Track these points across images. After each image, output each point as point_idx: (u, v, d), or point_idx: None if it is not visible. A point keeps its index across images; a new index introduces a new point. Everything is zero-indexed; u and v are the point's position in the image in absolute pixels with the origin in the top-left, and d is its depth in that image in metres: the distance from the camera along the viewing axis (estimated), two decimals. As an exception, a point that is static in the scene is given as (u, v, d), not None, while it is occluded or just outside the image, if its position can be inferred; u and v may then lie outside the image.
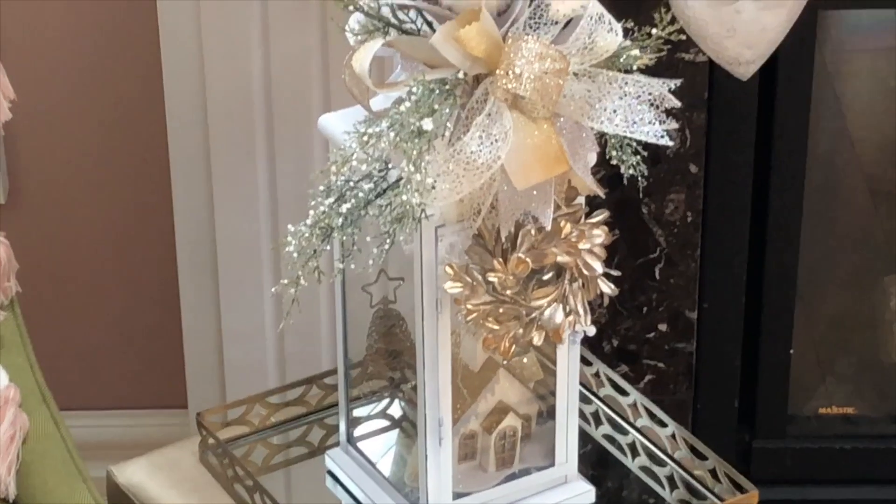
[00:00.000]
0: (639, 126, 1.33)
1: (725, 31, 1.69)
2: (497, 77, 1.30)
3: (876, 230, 2.54)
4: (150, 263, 2.15)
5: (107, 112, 2.10)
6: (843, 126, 2.64)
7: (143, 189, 2.11)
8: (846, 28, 2.73)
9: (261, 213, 1.93)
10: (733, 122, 1.99)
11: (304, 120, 1.87)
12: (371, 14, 1.34)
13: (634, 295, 2.05)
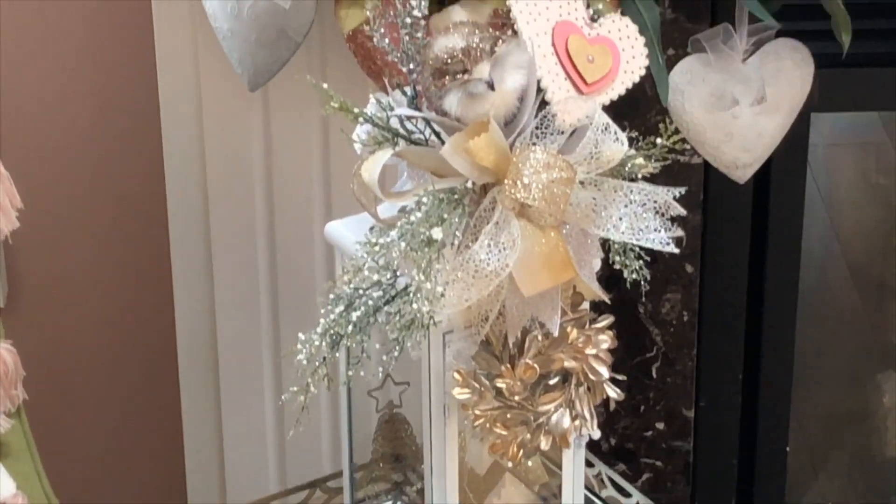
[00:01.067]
0: (644, 233, 1.35)
1: (723, 136, 1.71)
2: (505, 186, 1.32)
3: (865, 325, 2.56)
4: (152, 365, 2.15)
5: (107, 214, 2.11)
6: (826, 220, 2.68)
7: (145, 291, 2.12)
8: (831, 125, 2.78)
9: (262, 316, 1.94)
10: (728, 223, 2.02)
11: (306, 225, 1.89)
12: (380, 125, 1.37)
13: (632, 393, 2.07)
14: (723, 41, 1.69)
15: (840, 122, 2.77)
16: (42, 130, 2.08)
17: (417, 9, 1.36)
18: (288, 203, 1.88)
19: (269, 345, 1.95)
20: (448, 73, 1.32)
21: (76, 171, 2.10)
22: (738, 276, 2.06)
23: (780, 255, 2.06)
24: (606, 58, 1.39)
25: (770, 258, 2.06)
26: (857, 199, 2.91)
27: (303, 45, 1.72)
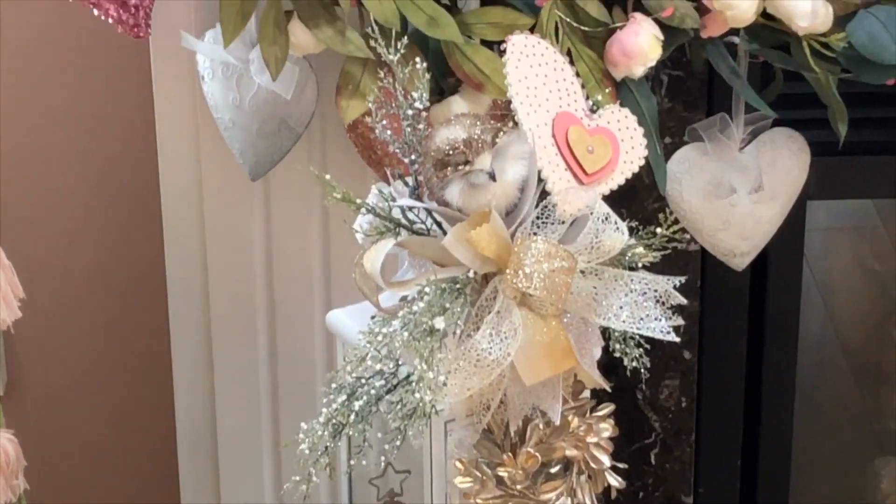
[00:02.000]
0: (645, 322, 1.36)
1: (721, 224, 1.73)
2: (507, 276, 1.33)
3: (862, 411, 2.57)
4: (151, 454, 2.15)
5: (108, 302, 2.12)
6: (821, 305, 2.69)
7: (145, 379, 2.12)
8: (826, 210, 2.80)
9: (262, 404, 1.94)
10: (725, 310, 2.02)
11: (306, 314, 1.89)
12: (382, 215, 1.38)
13: (630, 480, 2.06)
14: (720, 130, 1.71)
15: (833, 207, 2.79)
16: (44, 217, 2.10)
17: (419, 101, 1.38)
18: (288, 291, 1.89)
19: (269, 433, 1.95)
20: (450, 163, 1.34)
21: (77, 258, 2.11)
22: (736, 362, 2.06)
23: (778, 342, 2.07)
24: (606, 148, 1.41)
25: (767, 344, 2.06)
26: (851, 284, 2.92)
27: (303, 134, 1.74)
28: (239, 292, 1.88)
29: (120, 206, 2.09)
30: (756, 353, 2.06)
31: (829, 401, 2.58)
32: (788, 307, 2.05)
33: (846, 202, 2.74)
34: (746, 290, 2.02)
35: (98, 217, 2.10)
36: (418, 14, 1.56)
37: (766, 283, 2.03)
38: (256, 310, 1.89)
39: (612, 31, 1.58)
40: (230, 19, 1.55)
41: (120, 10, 1.60)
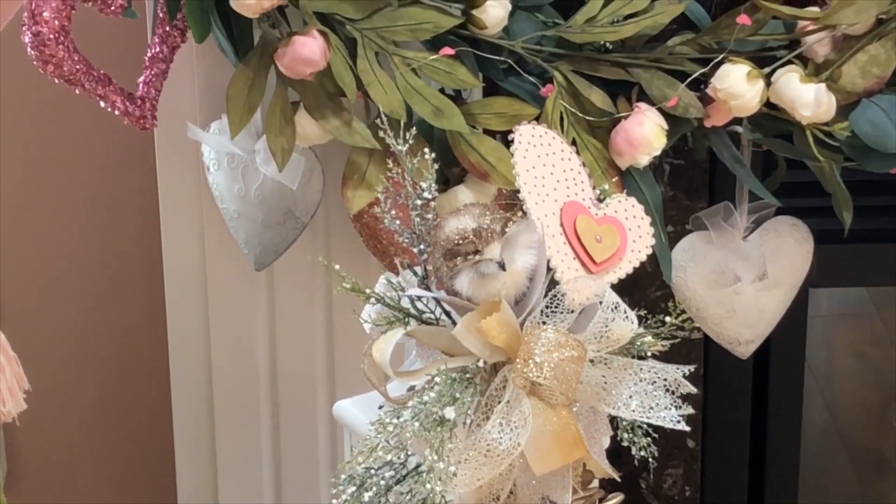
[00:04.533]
0: (655, 412, 1.36)
1: (725, 313, 1.73)
2: (517, 365, 1.33)
3: (861, 499, 2.55)
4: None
5: (110, 395, 2.11)
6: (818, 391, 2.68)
7: (146, 472, 2.11)
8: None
9: (265, 494, 1.93)
10: (729, 398, 2.02)
11: (309, 403, 1.89)
12: (392, 305, 1.38)
13: (634, 569, 2.05)
14: (724, 219, 1.72)
15: (828, 294, 2.80)
16: (47, 302, 2.09)
17: (427, 191, 1.38)
18: (292, 380, 1.88)
19: (273, 524, 1.94)
20: (459, 253, 1.34)
21: (80, 346, 2.11)
22: (740, 450, 2.06)
23: (781, 429, 2.06)
24: (614, 237, 1.41)
25: (770, 432, 2.06)
26: (847, 370, 2.92)
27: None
28: (242, 381, 1.88)
29: (124, 294, 2.09)
30: (759, 440, 2.06)
31: (829, 488, 2.57)
32: (791, 394, 2.05)
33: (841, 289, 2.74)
34: (749, 377, 2.01)
35: (103, 305, 2.10)
36: (424, 105, 1.58)
37: (768, 371, 2.02)
38: (260, 399, 1.89)
39: (617, 120, 1.59)
40: (237, 111, 1.56)
41: (126, 102, 1.61)
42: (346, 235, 1.77)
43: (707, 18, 1.64)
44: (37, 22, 1.52)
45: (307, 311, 1.84)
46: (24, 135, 2.03)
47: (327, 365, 1.87)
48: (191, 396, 1.90)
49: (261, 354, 1.87)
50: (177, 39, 1.64)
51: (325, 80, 1.57)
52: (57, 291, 2.10)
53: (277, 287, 1.83)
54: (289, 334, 1.86)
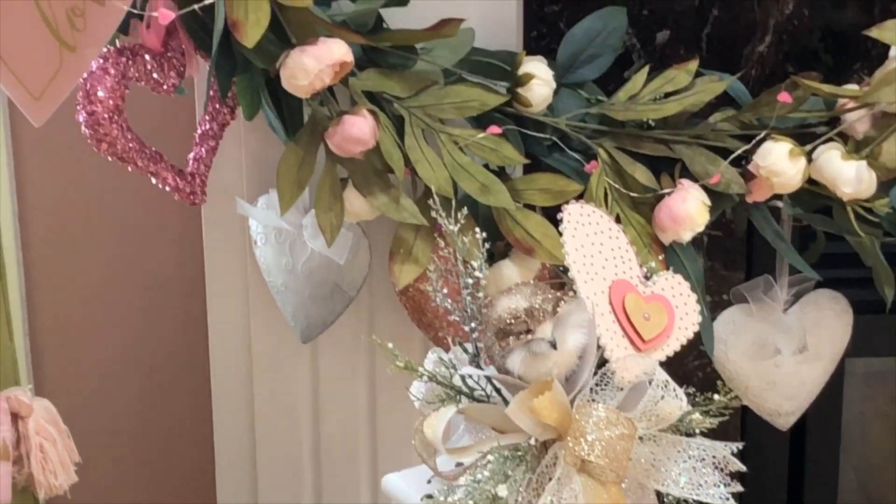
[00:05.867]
0: (704, 489, 1.37)
1: (766, 385, 1.74)
2: (568, 443, 1.34)
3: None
4: None
5: (155, 465, 2.13)
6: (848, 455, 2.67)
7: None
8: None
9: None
10: (766, 467, 2.03)
11: (352, 476, 1.89)
12: (444, 384, 1.39)
13: None
14: (764, 292, 1.73)
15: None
16: (92, 379, 2.11)
17: (478, 270, 1.40)
18: (335, 452, 1.89)
19: None
20: (511, 332, 1.36)
21: (125, 423, 2.13)
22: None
23: (817, 497, 2.07)
24: (662, 315, 1.43)
25: (807, 501, 2.06)
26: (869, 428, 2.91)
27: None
28: (286, 452, 1.89)
29: (170, 365, 2.11)
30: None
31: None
32: (828, 463, 2.05)
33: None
34: (786, 447, 2.02)
35: (149, 374, 2.12)
36: (471, 181, 1.60)
37: (804, 440, 2.03)
38: (303, 470, 1.90)
39: (660, 196, 1.61)
40: (287, 187, 1.58)
41: (177, 178, 1.64)
42: (390, 308, 1.78)
43: (747, 95, 1.67)
44: (91, 101, 1.55)
45: (350, 383, 1.85)
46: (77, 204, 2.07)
47: (370, 437, 1.88)
48: (235, 468, 1.91)
49: (304, 426, 1.88)
50: (227, 117, 1.66)
51: (374, 158, 1.59)
52: (104, 362, 2.12)
53: (321, 359, 1.85)
54: (332, 406, 1.87)
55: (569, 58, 1.67)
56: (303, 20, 1.51)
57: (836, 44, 1.79)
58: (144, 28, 1.57)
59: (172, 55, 1.60)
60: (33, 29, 1.49)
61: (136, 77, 1.57)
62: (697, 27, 1.79)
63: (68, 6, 1.49)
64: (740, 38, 1.79)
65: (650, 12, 1.78)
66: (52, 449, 1.58)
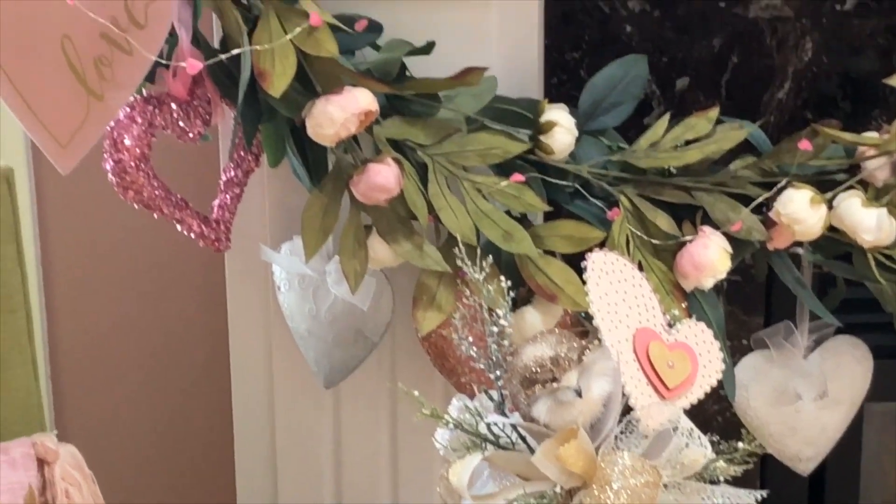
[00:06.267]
0: (728, 536, 1.38)
1: (787, 430, 1.75)
2: (593, 490, 1.35)
3: None
4: None
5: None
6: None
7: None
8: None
9: None
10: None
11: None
12: (470, 431, 1.40)
13: None
14: (784, 337, 1.74)
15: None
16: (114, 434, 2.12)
17: (504, 318, 1.41)
18: (357, 499, 1.89)
19: None
20: (537, 381, 1.37)
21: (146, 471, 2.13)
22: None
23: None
24: (685, 363, 1.44)
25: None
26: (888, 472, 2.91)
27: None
28: (308, 499, 1.89)
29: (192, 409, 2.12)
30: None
31: None
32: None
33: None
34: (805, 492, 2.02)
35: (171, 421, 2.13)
36: (494, 229, 1.61)
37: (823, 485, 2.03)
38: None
39: (682, 243, 1.62)
40: (311, 235, 1.60)
41: (202, 225, 1.65)
42: (411, 353, 1.79)
43: (767, 142, 1.68)
44: (118, 149, 1.57)
45: (373, 428, 1.86)
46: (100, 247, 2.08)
47: (392, 483, 1.88)
48: (256, 510, 1.92)
49: (327, 472, 1.88)
50: (251, 164, 1.68)
51: (398, 205, 1.60)
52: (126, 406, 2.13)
53: (344, 405, 1.85)
54: (355, 452, 1.87)
55: (590, 105, 1.68)
56: (328, 70, 1.53)
57: (854, 91, 1.80)
58: (171, 76, 1.59)
59: (198, 103, 1.61)
60: (61, 77, 1.51)
61: (163, 125, 1.58)
62: (717, 74, 1.80)
63: (96, 55, 1.51)
64: (759, 85, 1.80)
65: (670, 59, 1.79)
66: (77, 494, 1.58)
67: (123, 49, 1.50)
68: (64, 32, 1.49)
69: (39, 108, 1.51)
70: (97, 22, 1.45)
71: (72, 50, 1.50)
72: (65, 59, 1.50)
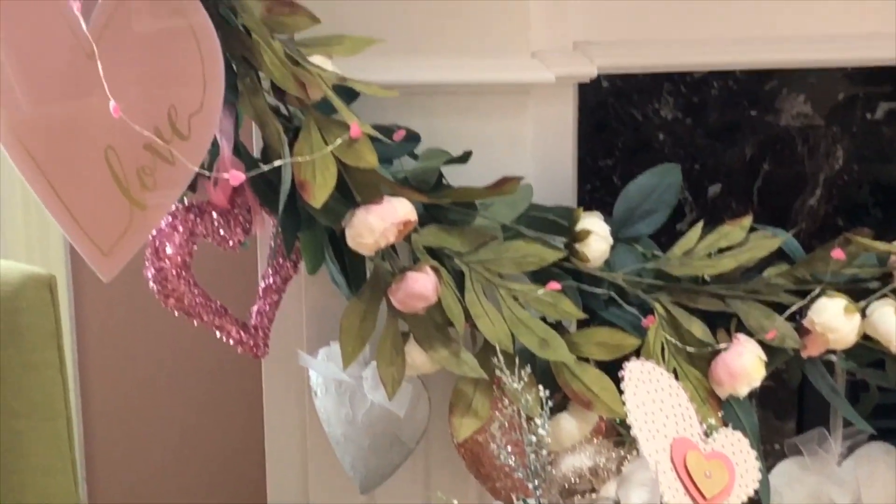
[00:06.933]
0: None
1: (822, 537, 1.75)
2: None
3: None
4: None
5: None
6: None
7: None
8: None
9: None
10: None
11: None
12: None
13: None
14: (818, 444, 1.74)
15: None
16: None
17: (542, 427, 1.42)
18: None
19: None
20: (576, 491, 1.38)
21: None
22: None
23: None
24: (723, 473, 1.45)
25: None
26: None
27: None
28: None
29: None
30: None
31: None
32: None
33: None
34: None
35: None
36: (530, 336, 1.62)
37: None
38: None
39: (717, 351, 1.63)
40: (349, 342, 1.61)
41: (241, 331, 1.67)
42: (446, 458, 1.80)
43: (800, 250, 1.69)
44: (160, 258, 1.59)
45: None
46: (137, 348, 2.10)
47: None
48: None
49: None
50: (290, 271, 1.70)
51: (435, 312, 1.62)
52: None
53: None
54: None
55: (625, 213, 1.70)
56: (368, 180, 1.55)
57: (885, 198, 1.82)
58: (212, 185, 1.61)
59: (238, 212, 1.63)
60: (104, 186, 1.53)
61: (204, 234, 1.60)
62: (748, 181, 1.83)
63: (139, 165, 1.53)
64: (791, 192, 1.83)
65: (702, 166, 1.82)
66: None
67: (166, 159, 1.52)
68: (108, 143, 1.52)
69: (82, 217, 1.54)
70: (141, 133, 1.48)
71: (115, 160, 1.52)
72: (108, 169, 1.53)
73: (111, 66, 1.47)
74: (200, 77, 1.51)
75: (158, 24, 1.51)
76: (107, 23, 1.49)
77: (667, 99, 1.80)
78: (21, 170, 1.52)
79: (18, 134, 1.51)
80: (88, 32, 1.48)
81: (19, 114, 1.50)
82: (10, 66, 1.49)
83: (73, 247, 1.57)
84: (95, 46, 1.47)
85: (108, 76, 1.46)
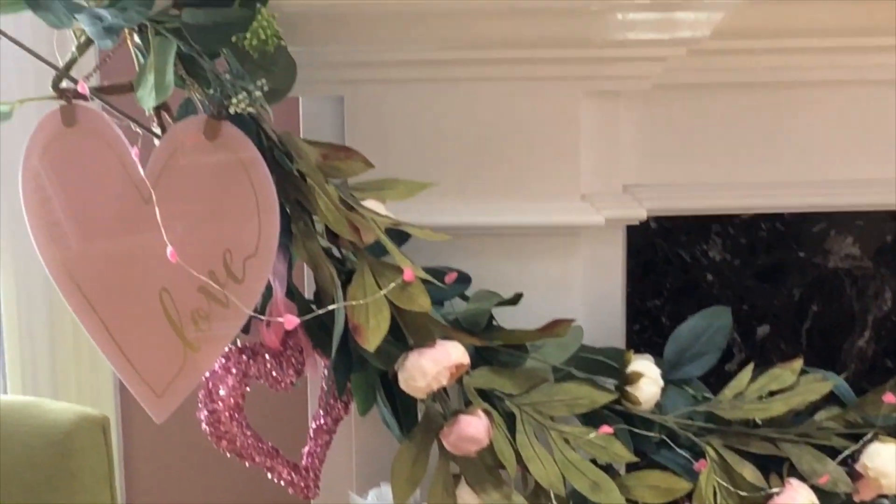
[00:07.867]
0: None
1: None
2: None
3: None
4: None
5: None
6: None
7: None
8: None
9: None
10: None
11: None
12: None
13: None
14: None
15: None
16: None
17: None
18: None
19: None
20: None
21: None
22: None
23: None
24: None
25: None
26: None
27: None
28: None
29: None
30: None
31: None
32: None
33: None
34: None
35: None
36: (582, 479, 1.62)
37: None
38: None
39: (769, 496, 1.63)
40: (401, 485, 1.61)
41: (292, 472, 1.67)
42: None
43: (851, 393, 1.69)
44: (213, 400, 1.60)
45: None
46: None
47: None
48: None
49: None
50: (341, 412, 1.70)
51: (486, 455, 1.62)
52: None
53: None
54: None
55: (675, 355, 1.71)
56: (420, 323, 1.56)
57: (934, 340, 1.82)
58: (265, 327, 1.62)
59: (291, 353, 1.64)
60: (158, 329, 1.54)
61: (257, 375, 1.61)
62: (797, 322, 1.83)
63: (193, 308, 1.54)
64: (839, 333, 1.83)
65: (750, 307, 1.82)
66: None
67: (220, 302, 1.54)
68: (163, 285, 1.53)
69: (136, 359, 1.55)
70: (197, 277, 1.49)
71: (170, 302, 1.54)
72: (163, 310, 1.55)
73: (167, 209, 1.49)
74: (255, 213, 1.52)
75: (210, 162, 1.52)
76: (163, 168, 1.52)
77: (715, 240, 1.81)
78: (72, 306, 1.54)
79: (69, 269, 1.53)
80: (146, 178, 1.50)
81: (70, 252, 1.52)
82: (59, 205, 1.51)
83: (122, 385, 1.58)
84: (153, 192, 1.49)
85: (165, 220, 1.48)
